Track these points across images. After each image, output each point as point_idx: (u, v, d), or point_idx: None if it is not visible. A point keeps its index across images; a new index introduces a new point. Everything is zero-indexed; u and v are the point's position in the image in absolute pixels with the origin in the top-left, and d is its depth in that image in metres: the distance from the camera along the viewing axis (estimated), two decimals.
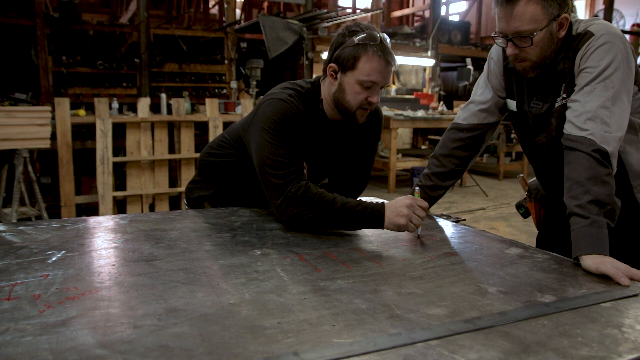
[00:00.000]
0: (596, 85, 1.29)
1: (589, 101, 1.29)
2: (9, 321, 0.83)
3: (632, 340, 0.82)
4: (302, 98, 1.54)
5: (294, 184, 1.42)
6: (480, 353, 0.77)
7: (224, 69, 7.44)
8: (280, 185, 1.43)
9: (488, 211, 5.74)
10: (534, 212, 1.70)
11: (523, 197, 1.74)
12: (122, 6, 9.28)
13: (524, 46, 1.33)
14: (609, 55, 1.29)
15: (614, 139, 1.26)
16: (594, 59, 1.31)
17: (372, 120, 1.68)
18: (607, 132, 1.25)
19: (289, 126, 1.46)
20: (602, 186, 1.20)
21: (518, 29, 1.31)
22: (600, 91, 1.28)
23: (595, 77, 1.30)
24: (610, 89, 1.28)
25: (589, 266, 1.12)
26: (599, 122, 1.26)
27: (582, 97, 1.31)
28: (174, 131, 5.24)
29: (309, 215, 1.41)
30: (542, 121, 1.47)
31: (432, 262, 1.20)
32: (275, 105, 1.48)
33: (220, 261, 1.19)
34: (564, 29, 1.35)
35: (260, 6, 10.80)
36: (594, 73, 1.30)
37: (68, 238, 1.32)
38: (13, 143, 4.15)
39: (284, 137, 1.46)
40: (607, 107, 1.27)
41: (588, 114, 1.28)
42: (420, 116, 7.24)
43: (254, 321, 0.86)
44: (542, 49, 1.34)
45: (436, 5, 9.55)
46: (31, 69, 6.30)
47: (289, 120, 1.47)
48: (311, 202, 1.40)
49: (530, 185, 1.72)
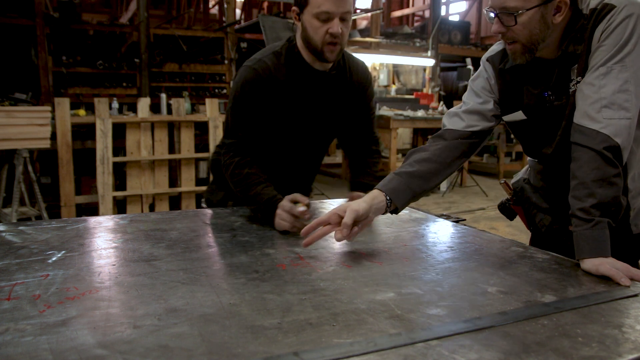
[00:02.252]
0: (613, 65, 1.18)
1: (605, 85, 1.17)
2: (9, 321, 0.83)
3: (632, 340, 0.82)
4: (277, 56, 1.58)
5: (230, 155, 1.57)
6: (481, 353, 0.77)
7: (224, 69, 7.44)
8: (224, 154, 1.60)
9: (488, 211, 5.74)
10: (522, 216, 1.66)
11: (506, 199, 1.66)
12: (122, 6, 9.28)
13: (509, 24, 1.22)
14: (628, 29, 1.17)
15: (628, 126, 1.16)
16: (614, 36, 1.18)
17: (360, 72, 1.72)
18: (626, 119, 1.15)
19: (250, 93, 1.55)
20: (608, 188, 1.15)
21: (504, 4, 1.20)
22: (618, 73, 1.17)
23: (612, 57, 1.18)
24: (629, 68, 1.17)
25: (589, 268, 1.12)
26: (617, 108, 1.15)
27: (597, 81, 1.19)
28: (174, 131, 5.24)
29: (234, 189, 1.59)
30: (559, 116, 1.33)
31: (432, 262, 1.20)
32: (243, 73, 1.57)
33: (220, 261, 1.19)
34: (561, 14, 1.22)
35: (260, 6, 10.80)
36: (611, 51, 1.18)
37: (68, 238, 1.32)
38: (13, 143, 4.15)
39: (242, 104, 1.56)
40: (627, 90, 1.16)
41: (603, 100, 1.17)
42: (420, 116, 7.24)
43: (254, 321, 0.86)
44: (531, 32, 1.22)
45: (436, 5, 9.55)
46: (31, 69, 6.30)
47: (251, 87, 1.54)
48: (235, 178, 1.56)
49: (515, 188, 1.63)
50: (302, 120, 1.64)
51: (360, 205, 1.23)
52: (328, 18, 1.45)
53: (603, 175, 1.15)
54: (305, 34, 1.51)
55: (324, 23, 1.46)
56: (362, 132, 1.82)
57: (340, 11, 1.45)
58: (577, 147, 1.21)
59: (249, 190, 1.53)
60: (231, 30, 7.29)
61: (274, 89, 1.56)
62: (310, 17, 1.46)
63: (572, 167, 1.21)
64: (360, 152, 1.83)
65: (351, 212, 1.21)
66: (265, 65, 1.56)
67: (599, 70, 1.20)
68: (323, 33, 1.47)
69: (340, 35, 1.47)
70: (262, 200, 1.49)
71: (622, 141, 1.16)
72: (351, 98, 1.71)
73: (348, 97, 1.70)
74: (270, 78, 1.55)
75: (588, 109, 1.19)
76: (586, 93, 1.21)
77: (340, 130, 1.80)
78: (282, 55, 1.58)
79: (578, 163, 1.19)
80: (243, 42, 7.41)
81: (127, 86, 6.83)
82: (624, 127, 1.16)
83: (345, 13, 1.47)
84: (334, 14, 1.45)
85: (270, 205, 1.47)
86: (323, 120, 1.69)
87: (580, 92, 1.23)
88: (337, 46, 1.51)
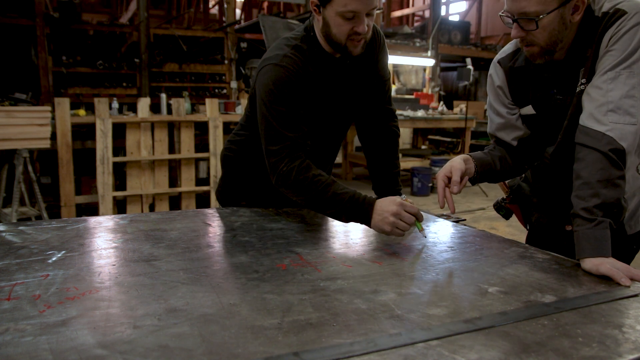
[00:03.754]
0: (621, 71, 1.19)
1: (612, 89, 1.18)
2: (9, 321, 0.83)
3: (632, 340, 0.82)
4: (299, 49, 1.50)
5: (286, 162, 1.41)
6: (481, 353, 0.77)
7: (224, 69, 7.45)
8: (274, 163, 1.43)
9: (488, 211, 5.74)
10: (518, 214, 1.66)
11: (502, 198, 1.67)
12: (122, 6, 9.29)
13: (529, 29, 1.23)
14: (637, 36, 1.18)
15: (634, 132, 1.16)
16: (624, 42, 1.19)
17: (372, 41, 1.60)
18: (631, 124, 1.16)
19: (287, 92, 1.43)
20: (612, 189, 1.15)
21: (524, 10, 1.20)
22: (625, 78, 1.18)
23: (621, 62, 1.19)
24: (637, 75, 1.18)
25: (589, 268, 1.12)
26: (622, 113, 1.16)
27: (604, 85, 1.20)
28: (174, 131, 5.24)
29: (299, 198, 1.42)
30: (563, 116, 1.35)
31: (432, 262, 1.20)
32: (271, 73, 1.45)
33: (220, 261, 1.19)
34: (579, 13, 1.23)
35: (260, 6, 10.80)
36: (620, 57, 1.19)
37: (68, 238, 1.32)
38: (13, 143, 4.16)
39: (282, 105, 1.43)
40: (633, 96, 1.17)
41: (610, 104, 1.17)
42: (420, 116, 7.24)
43: (254, 321, 0.86)
44: (551, 34, 1.23)
45: (436, 5, 9.55)
46: (31, 69, 6.31)
47: (286, 86, 1.43)
48: (301, 185, 1.39)
49: (511, 187, 1.65)
50: (328, 108, 1.59)
51: (461, 164, 1.39)
52: (354, 16, 1.38)
53: (608, 176, 1.15)
54: (328, 30, 1.43)
55: (348, 21, 1.38)
56: (378, 104, 1.71)
57: (367, 9, 1.37)
58: (582, 148, 1.21)
59: (325, 192, 1.38)
60: (231, 30, 7.30)
61: (305, 82, 1.49)
62: (335, 14, 1.38)
63: (576, 168, 1.21)
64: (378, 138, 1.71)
65: (457, 170, 1.37)
66: (292, 60, 1.47)
67: (607, 74, 1.20)
68: (347, 30, 1.40)
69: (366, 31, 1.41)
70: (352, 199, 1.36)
71: (628, 146, 1.16)
72: (368, 75, 1.64)
73: (366, 76, 1.64)
74: (300, 72, 1.47)
75: (594, 112, 1.20)
76: (593, 96, 1.22)
77: (359, 111, 1.72)
78: (304, 48, 1.51)
79: (583, 163, 1.19)
80: (243, 42, 7.41)
81: (127, 86, 6.83)
82: (629, 132, 1.17)
83: (372, 9, 1.39)
84: (362, 12, 1.37)
85: (367, 205, 1.35)
86: (346, 105, 1.64)
87: (587, 95, 1.24)
88: (362, 41, 1.44)
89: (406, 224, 1.31)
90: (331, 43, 1.47)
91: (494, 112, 1.53)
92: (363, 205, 1.35)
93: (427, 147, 9.05)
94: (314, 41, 1.52)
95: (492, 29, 13.47)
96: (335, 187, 1.39)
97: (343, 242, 1.38)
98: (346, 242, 1.36)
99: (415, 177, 6.74)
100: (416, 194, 6.73)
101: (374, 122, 1.72)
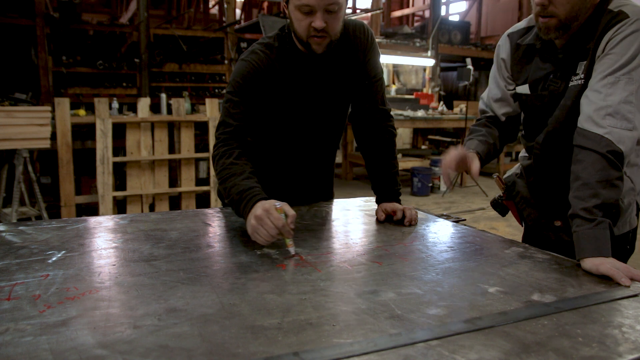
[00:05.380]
0: (620, 76, 1.20)
1: (611, 94, 1.20)
2: (9, 321, 0.83)
3: (632, 340, 0.82)
4: (268, 47, 1.53)
5: (219, 145, 1.47)
6: (481, 353, 0.77)
7: (224, 69, 7.45)
8: (214, 145, 1.50)
9: (488, 211, 5.74)
10: (514, 211, 1.67)
11: (499, 195, 1.68)
12: (122, 6, 9.29)
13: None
14: (636, 42, 1.20)
15: (632, 137, 1.18)
16: (623, 46, 1.20)
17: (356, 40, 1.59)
18: (628, 129, 1.18)
19: (244, 84, 1.49)
20: (611, 190, 1.16)
21: None
22: (624, 84, 1.20)
23: (621, 67, 1.20)
24: (635, 82, 1.20)
25: (590, 268, 1.12)
26: (620, 117, 1.18)
27: (604, 89, 1.21)
28: (174, 131, 5.24)
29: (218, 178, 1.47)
30: (555, 103, 1.37)
31: (432, 262, 1.20)
32: (237, 67, 1.52)
33: (220, 261, 1.19)
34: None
35: (260, 6, 10.81)
36: (620, 62, 1.20)
37: (68, 238, 1.32)
38: (13, 143, 4.16)
39: (236, 95, 1.49)
40: (631, 102, 1.19)
41: (609, 108, 1.19)
42: (420, 116, 7.24)
43: (254, 321, 0.86)
44: (573, 6, 1.24)
45: (436, 5, 9.55)
46: (31, 69, 6.31)
47: (244, 79, 1.49)
48: (218, 169, 1.45)
49: (507, 183, 1.65)
50: (307, 105, 1.59)
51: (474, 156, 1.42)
52: (310, 11, 1.37)
53: (607, 177, 1.16)
54: (292, 26, 1.45)
55: (307, 16, 1.38)
56: (370, 105, 1.68)
57: (322, 4, 1.35)
58: (581, 150, 1.22)
59: (227, 181, 1.38)
60: (231, 30, 7.30)
61: (271, 78, 1.52)
62: (294, 8, 1.39)
63: (575, 169, 1.23)
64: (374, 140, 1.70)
65: (474, 155, 1.41)
66: (258, 56, 1.51)
67: (607, 78, 1.22)
68: (306, 26, 1.39)
69: (326, 28, 1.39)
70: (240, 194, 1.32)
71: (626, 149, 1.18)
72: (352, 74, 1.62)
73: (349, 75, 1.62)
74: (265, 68, 1.50)
75: (593, 115, 1.21)
76: (592, 99, 1.23)
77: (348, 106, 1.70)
78: (274, 46, 1.53)
79: (582, 165, 1.20)
80: (243, 42, 7.41)
81: (127, 86, 6.83)
82: (627, 137, 1.18)
83: (330, 5, 1.36)
84: (316, 7, 1.35)
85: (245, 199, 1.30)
86: (327, 101, 1.63)
87: (586, 98, 1.26)
88: (324, 39, 1.42)
89: (267, 232, 1.21)
90: (298, 40, 1.49)
91: (494, 83, 1.56)
92: (243, 202, 1.31)
93: (427, 147, 9.05)
94: (287, 39, 1.54)
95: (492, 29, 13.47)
96: (239, 179, 1.36)
97: (343, 242, 1.38)
98: (346, 242, 1.36)
99: (415, 177, 6.74)
100: (416, 194, 6.73)
101: (369, 123, 1.71)
